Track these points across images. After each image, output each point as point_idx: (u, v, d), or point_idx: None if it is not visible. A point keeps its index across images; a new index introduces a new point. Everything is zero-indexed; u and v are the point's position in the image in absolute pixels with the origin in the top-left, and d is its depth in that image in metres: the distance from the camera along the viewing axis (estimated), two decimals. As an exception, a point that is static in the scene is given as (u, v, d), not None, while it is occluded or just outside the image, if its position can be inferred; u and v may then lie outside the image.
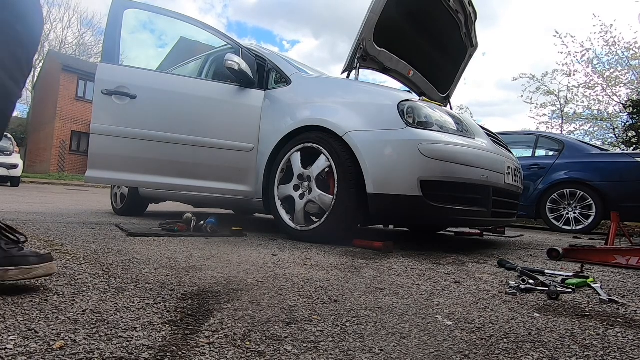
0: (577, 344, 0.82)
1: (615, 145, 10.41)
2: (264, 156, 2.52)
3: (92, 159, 2.55)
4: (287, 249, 1.93)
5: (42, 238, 1.85)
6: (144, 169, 2.59)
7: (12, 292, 0.96)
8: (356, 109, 2.23)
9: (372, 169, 2.04)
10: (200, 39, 14.23)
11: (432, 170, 1.97)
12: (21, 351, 0.64)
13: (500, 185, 2.25)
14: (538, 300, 1.18)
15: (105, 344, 0.69)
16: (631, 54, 10.65)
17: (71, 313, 0.83)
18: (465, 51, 3.54)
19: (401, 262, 1.71)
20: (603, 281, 1.50)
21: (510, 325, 0.92)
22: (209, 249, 1.82)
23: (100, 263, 1.35)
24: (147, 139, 2.55)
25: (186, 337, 0.75)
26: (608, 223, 2.97)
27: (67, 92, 19.94)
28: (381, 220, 2.55)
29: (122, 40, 2.66)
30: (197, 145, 2.55)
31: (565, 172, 4.88)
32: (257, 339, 0.76)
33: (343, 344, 0.76)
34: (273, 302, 1.01)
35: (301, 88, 2.57)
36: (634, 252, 1.93)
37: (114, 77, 2.56)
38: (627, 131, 10.23)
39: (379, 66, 3.14)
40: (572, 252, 2.08)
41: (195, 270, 1.33)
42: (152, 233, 2.22)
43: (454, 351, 0.75)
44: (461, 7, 3.17)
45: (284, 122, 2.47)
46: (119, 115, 2.55)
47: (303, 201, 2.26)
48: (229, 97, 2.63)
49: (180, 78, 2.89)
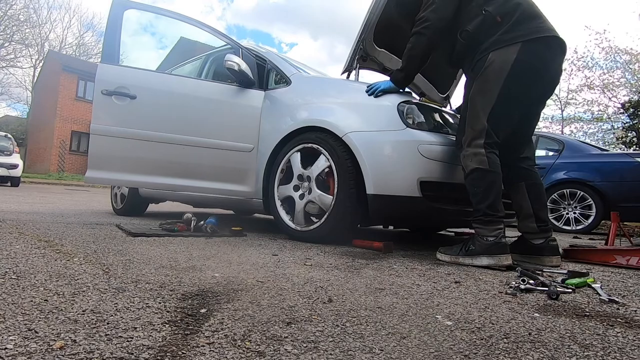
0: (577, 344, 0.82)
1: (615, 146, 10.43)
2: (263, 156, 2.52)
3: (92, 159, 2.55)
4: (287, 249, 1.93)
5: (42, 238, 1.85)
6: (144, 170, 2.59)
7: (12, 292, 0.96)
8: (356, 110, 2.24)
9: (372, 169, 2.04)
10: (200, 39, 14.25)
11: (432, 171, 1.97)
12: (21, 351, 0.64)
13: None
14: (538, 300, 1.18)
15: (105, 344, 0.69)
16: (628, 57, 10.69)
17: (71, 313, 0.83)
18: (465, 51, 3.53)
19: (401, 262, 1.71)
20: (603, 281, 1.50)
21: (510, 325, 0.92)
22: (209, 249, 1.82)
23: (100, 263, 1.35)
24: (147, 140, 2.55)
25: (186, 337, 0.75)
26: (608, 223, 2.97)
27: (67, 92, 19.94)
28: (381, 221, 2.55)
29: (122, 42, 2.66)
30: (197, 146, 2.55)
31: (565, 172, 4.88)
32: (257, 339, 0.76)
33: (343, 344, 0.76)
34: (273, 302, 1.01)
35: (301, 88, 2.57)
36: (634, 252, 1.93)
37: (114, 78, 2.56)
38: (626, 132, 10.24)
39: (379, 66, 3.14)
40: (572, 252, 2.08)
41: (195, 270, 1.33)
42: (152, 233, 2.22)
43: (454, 351, 0.75)
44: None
45: (284, 122, 2.47)
46: (119, 116, 2.55)
47: (303, 201, 2.26)
48: (229, 97, 2.63)
49: (180, 78, 2.89)
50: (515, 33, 1.78)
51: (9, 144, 10.41)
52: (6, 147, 10.23)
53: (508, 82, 1.76)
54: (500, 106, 1.78)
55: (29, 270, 1.18)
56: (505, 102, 1.78)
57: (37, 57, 28.01)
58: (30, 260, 1.34)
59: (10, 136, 10.98)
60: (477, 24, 1.84)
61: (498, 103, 1.77)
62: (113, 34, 2.62)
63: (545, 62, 1.81)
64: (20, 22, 26.20)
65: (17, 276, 1.11)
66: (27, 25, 26.87)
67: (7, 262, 1.27)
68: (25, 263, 1.28)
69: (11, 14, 25.43)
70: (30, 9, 27.30)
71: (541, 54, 1.79)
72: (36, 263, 1.29)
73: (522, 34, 1.78)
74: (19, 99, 34.17)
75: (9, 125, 25.04)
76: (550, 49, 1.82)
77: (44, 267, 1.24)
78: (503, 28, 1.81)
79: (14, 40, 26.24)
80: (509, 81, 1.75)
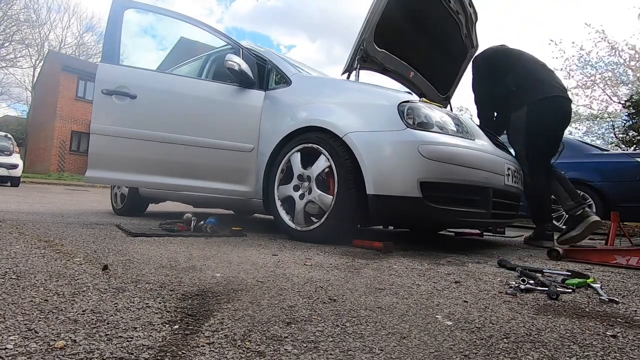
0: (577, 344, 0.82)
1: (616, 145, 10.42)
2: (264, 156, 2.52)
3: (92, 159, 2.55)
4: (287, 249, 1.93)
5: (42, 238, 1.85)
6: (144, 169, 2.59)
7: (12, 292, 0.96)
8: (356, 110, 2.24)
9: (372, 169, 2.04)
10: (200, 39, 14.24)
11: (432, 171, 1.97)
12: (21, 351, 0.64)
13: (500, 186, 2.25)
14: (538, 300, 1.18)
15: (105, 344, 0.69)
16: (629, 55, 10.69)
17: (71, 313, 0.83)
18: (466, 52, 3.54)
19: (401, 262, 1.71)
20: (603, 281, 1.50)
21: (510, 325, 0.92)
22: (209, 249, 1.82)
23: (100, 263, 1.35)
24: (147, 139, 2.55)
25: (186, 337, 0.75)
26: (608, 223, 2.98)
27: (67, 92, 19.93)
28: (381, 221, 2.55)
29: (123, 44, 2.66)
30: (197, 146, 2.55)
31: (565, 172, 4.87)
32: (257, 339, 0.76)
33: (343, 344, 0.76)
34: (273, 302, 1.01)
35: (301, 88, 2.57)
36: (634, 252, 1.93)
37: (114, 77, 2.56)
38: (627, 131, 10.23)
39: (379, 67, 3.14)
40: (572, 252, 2.08)
41: (195, 270, 1.33)
42: (152, 233, 2.22)
43: (454, 351, 0.75)
44: (462, 8, 3.17)
45: (284, 122, 2.47)
46: (119, 115, 2.55)
47: (303, 201, 2.26)
48: (229, 97, 2.63)
49: (180, 78, 2.89)
50: (524, 98, 2.64)
51: (9, 144, 10.41)
52: (6, 147, 10.23)
53: (527, 130, 2.63)
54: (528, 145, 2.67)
55: (29, 270, 1.18)
56: (532, 142, 2.64)
57: (37, 57, 28.06)
58: (30, 260, 1.34)
59: (10, 136, 10.98)
60: (501, 91, 2.78)
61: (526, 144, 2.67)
62: (113, 34, 2.62)
63: (552, 112, 2.61)
64: (20, 22, 26.23)
65: (17, 276, 1.11)
66: (27, 25, 26.91)
67: (7, 262, 1.27)
68: (25, 263, 1.28)
69: (11, 14, 25.45)
70: (30, 9, 27.32)
71: (546, 109, 2.59)
72: (36, 263, 1.29)
73: (528, 98, 2.62)
74: (19, 99, 34.21)
75: (9, 125, 25.04)
76: (554, 103, 2.61)
77: (44, 267, 1.24)
78: (517, 95, 2.67)
79: (14, 40, 26.28)
80: (527, 130, 2.63)
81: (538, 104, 2.59)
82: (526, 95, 2.62)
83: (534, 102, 2.60)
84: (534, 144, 2.63)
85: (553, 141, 2.76)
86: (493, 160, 2.23)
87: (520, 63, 2.77)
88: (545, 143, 2.69)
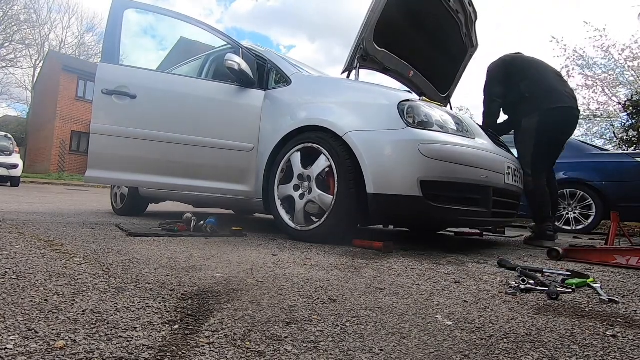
0: (577, 344, 0.82)
1: (615, 145, 10.41)
2: (264, 156, 2.52)
3: (92, 159, 2.55)
4: (287, 249, 1.93)
5: (42, 238, 1.85)
6: (144, 169, 2.59)
7: (12, 292, 0.96)
8: (356, 109, 2.23)
9: (372, 169, 2.04)
10: (200, 39, 14.22)
11: (432, 170, 1.97)
12: (21, 351, 0.64)
13: (501, 185, 2.25)
14: (538, 300, 1.18)
15: (105, 344, 0.69)
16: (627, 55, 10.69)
17: (71, 313, 0.83)
18: (466, 51, 3.54)
19: (401, 262, 1.71)
20: (603, 281, 1.50)
21: (510, 325, 0.92)
22: (209, 249, 1.82)
23: (100, 263, 1.35)
24: (147, 139, 2.55)
25: (186, 337, 0.75)
26: (608, 223, 2.97)
27: (67, 92, 19.93)
28: (381, 221, 2.55)
29: (122, 44, 2.66)
30: (197, 145, 2.55)
31: (565, 172, 4.87)
32: (257, 339, 0.76)
33: (343, 344, 0.76)
34: (273, 302, 1.01)
35: (301, 88, 2.57)
36: (634, 252, 1.93)
37: (114, 77, 2.55)
38: (627, 131, 10.22)
39: (379, 66, 3.14)
40: (572, 252, 2.08)
41: (195, 270, 1.33)
42: (152, 233, 2.22)
43: (454, 351, 0.75)
44: (461, 7, 3.17)
45: (284, 122, 2.47)
46: (119, 115, 2.55)
47: (303, 201, 2.26)
48: (229, 97, 2.63)
49: (180, 78, 2.88)
50: (537, 105, 2.75)
51: (9, 144, 10.41)
52: (6, 147, 10.23)
53: (537, 137, 2.74)
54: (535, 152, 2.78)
55: (29, 270, 1.18)
56: (538, 147, 2.76)
57: (37, 57, 28.04)
58: (30, 260, 1.34)
59: (10, 136, 10.98)
60: (514, 97, 2.90)
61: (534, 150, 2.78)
62: (113, 34, 2.62)
63: (562, 122, 2.76)
64: (20, 22, 26.21)
65: (17, 276, 1.11)
66: (27, 26, 26.90)
67: (7, 262, 1.27)
68: (25, 263, 1.28)
69: (11, 14, 25.44)
70: (30, 10, 27.30)
71: (557, 118, 2.73)
72: (36, 263, 1.29)
73: (541, 106, 2.74)
74: (19, 99, 34.12)
75: (9, 125, 25.03)
76: (565, 113, 2.75)
77: (44, 267, 1.24)
78: (530, 101, 2.79)
79: (14, 40, 26.26)
80: (537, 137, 2.74)
81: (550, 112, 2.72)
82: (539, 103, 2.75)
83: (545, 110, 2.72)
84: (540, 148, 2.76)
85: (558, 147, 2.93)
86: (493, 159, 2.23)
87: (535, 71, 2.88)
88: (550, 149, 2.85)
